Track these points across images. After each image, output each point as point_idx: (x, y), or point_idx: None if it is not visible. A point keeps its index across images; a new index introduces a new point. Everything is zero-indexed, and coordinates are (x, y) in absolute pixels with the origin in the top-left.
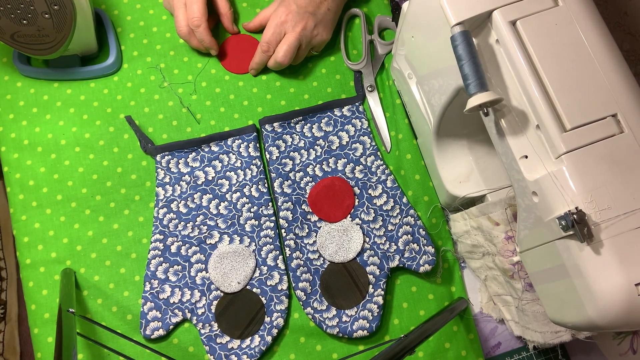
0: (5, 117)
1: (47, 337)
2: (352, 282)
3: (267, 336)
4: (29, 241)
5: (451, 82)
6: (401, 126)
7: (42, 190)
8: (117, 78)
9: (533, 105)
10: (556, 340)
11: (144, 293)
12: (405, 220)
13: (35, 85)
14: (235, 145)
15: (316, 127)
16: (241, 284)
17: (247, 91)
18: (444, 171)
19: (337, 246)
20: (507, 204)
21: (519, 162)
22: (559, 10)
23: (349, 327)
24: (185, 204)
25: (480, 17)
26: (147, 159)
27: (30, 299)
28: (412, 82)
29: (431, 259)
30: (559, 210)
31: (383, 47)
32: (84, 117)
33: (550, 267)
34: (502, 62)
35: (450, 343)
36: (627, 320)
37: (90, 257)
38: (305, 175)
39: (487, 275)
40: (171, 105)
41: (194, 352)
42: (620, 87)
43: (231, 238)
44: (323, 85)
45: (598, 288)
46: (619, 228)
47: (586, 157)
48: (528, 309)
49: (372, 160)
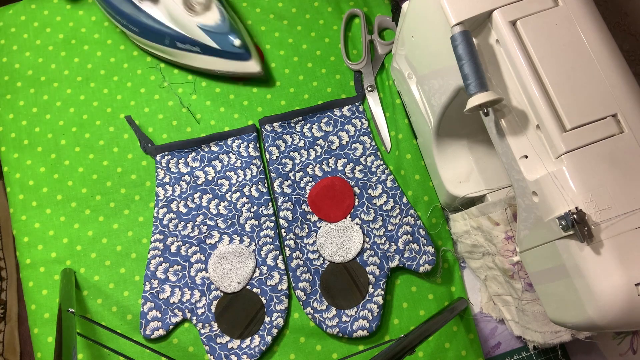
0: (5, 117)
1: (47, 337)
2: (352, 282)
3: (267, 336)
4: (29, 241)
5: (451, 82)
6: (401, 126)
7: (42, 190)
8: (117, 78)
9: (533, 105)
10: (556, 340)
11: (144, 293)
12: (405, 220)
13: (35, 85)
14: (235, 145)
15: (316, 127)
16: (241, 283)
17: (247, 91)
18: (444, 171)
19: (337, 246)
20: (507, 204)
21: (519, 162)
22: (559, 10)
23: (348, 327)
24: (185, 204)
25: (480, 17)
26: (147, 159)
27: (30, 299)
28: (412, 82)
29: (431, 259)
30: (559, 210)
31: (383, 47)
32: (84, 117)
33: (550, 267)
34: (502, 62)
35: (450, 343)
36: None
37: (90, 257)
38: (305, 175)
39: (487, 275)
40: (171, 105)
41: (194, 352)
42: (620, 87)
43: (231, 238)
44: (323, 85)
45: (598, 288)
46: (619, 228)
47: (586, 157)
48: (528, 309)
49: (372, 160)
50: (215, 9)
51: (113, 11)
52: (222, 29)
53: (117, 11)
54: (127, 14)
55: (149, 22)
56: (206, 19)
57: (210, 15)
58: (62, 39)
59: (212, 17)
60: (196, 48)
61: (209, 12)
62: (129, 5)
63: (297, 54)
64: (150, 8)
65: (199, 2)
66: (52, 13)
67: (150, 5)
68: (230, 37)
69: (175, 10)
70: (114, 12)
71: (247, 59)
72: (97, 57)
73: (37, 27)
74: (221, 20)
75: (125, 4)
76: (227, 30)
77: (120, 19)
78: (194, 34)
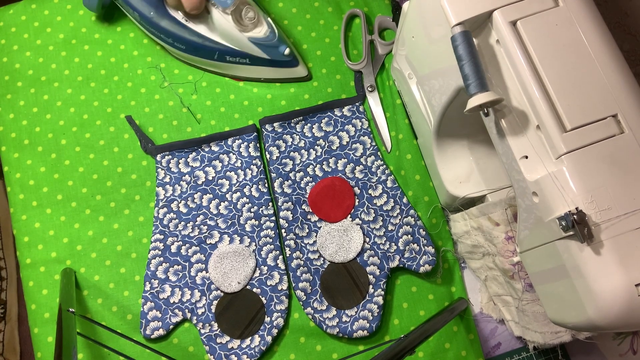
0: (6, 116)
1: (47, 337)
2: (352, 282)
3: (267, 336)
4: (29, 241)
5: (451, 82)
6: (401, 126)
7: (42, 190)
8: (118, 77)
9: (533, 105)
10: (556, 340)
11: (144, 293)
12: (406, 220)
13: (35, 85)
14: (235, 145)
15: (316, 127)
16: (241, 283)
17: (248, 91)
18: (444, 171)
19: (337, 246)
20: (508, 204)
21: (519, 163)
22: (560, 10)
23: (349, 327)
24: (186, 204)
25: (480, 18)
26: (148, 159)
27: (30, 299)
28: (412, 82)
29: (431, 259)
30: (559, 210)
31: (383, 47)
32: (84, 117)
33: (551, 268)
34: (503, 63)
35: (450, 343)
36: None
37: (91, 257)
38: (305, 175)
39: (487, 276)
40: (171, 105)
41: (194, 352)
42: (620, 87)
43: (231, 238)
44: (323, 85)
45: (598, 288)
46: (620, 228)
47: (586, 158)
48: (528, 310)
49: (373, 161)
50: (264, 22)
51: (157, 31)
52: (272, 39)
53: (161, 30)
54: (173, 33)
55: (196, 39)
56: (256, 32)
57: (259, 29)
58: (62, 38)
59: (261, 30)
60: (246, 60)
61: (259, 26)
62: (174, 24)
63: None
64: (197, 25)
65: (249, 17)
66: (53, 13)
67: (196, 22)
68: (280, 48)
69: (225, 26)
70: (158, 32)
71: (296, 66)
72: (97, 57)
73: (38, 27)
74: (270, 32)
75: (171, 24)
76: (276, 41)
77: (165, 37)
78: (245, 47)
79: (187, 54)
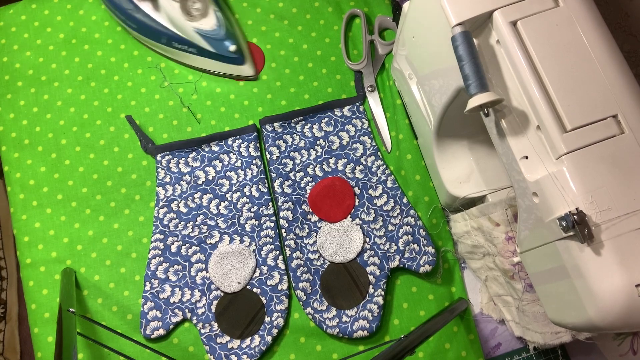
0: (6, 116)
1: (47, 337)
2: (352, 282)
3: (267, 336)
4: (29, 241)
5: (452, 82)
6: (402, 126)
7: (42, 190)
8: (118, 77)
9: (534, 105)
10: (556, 341)
11: (144, 293)
12: (406, 220)
13: (35, 84)
14: (235, 145)
15: (316, 127)
16: (241, 283)
17: (248, 91)
18: (445, 171)
19: (338, 246)
20: (508, 204)
21: (519, 163)
22: (560, 10)
23: (349, 327)
24: (186, 204)
25: (480, 18)
26: (148, 159)
27: (31, 299)
28: (412, 82)
29: (431, 259)
30: (560, 211)
31: (383, 47)
32: (84, 117)
33: (551, 268)
34: (503, 63)
35: (451, 343)
36: (628, 321)
37: (91, 257)
38: (305, 175)
39: (488, 276)
40: (172, 104)
41: (194, 352)
42: (620, 88)
43: (231, 238)
44: (323, 85)
45: (598, 289)
46: (620, 229)
47: (587, 158)
48: (528, 310)
49: (373, 161)
50: (212, 15)
51: (112, 6)
52: (218, 34)
53: (116, 6)
54: (126, 10)
55: (147, 21)
56: (203, 24)
57: (206, 20)
58: (62, 38)
59: (208, 23)
60: (192, 49)
61: (206, 17)
62: (128, 2)
63: (297, 54)
64: (148, 7)
65: (196, 8)
66: (53, 13)
67: (148, 5)
68: (226, 43)
69: (172, 13)
70: (114, 8)
71: (242, 64)
72: (97, 56)
73: (38, 27)
74: (217, 26)
75: (126, 1)
76: (222, 35)
77: (119, 14)
78: (191, 36)
79: (138, 34)
